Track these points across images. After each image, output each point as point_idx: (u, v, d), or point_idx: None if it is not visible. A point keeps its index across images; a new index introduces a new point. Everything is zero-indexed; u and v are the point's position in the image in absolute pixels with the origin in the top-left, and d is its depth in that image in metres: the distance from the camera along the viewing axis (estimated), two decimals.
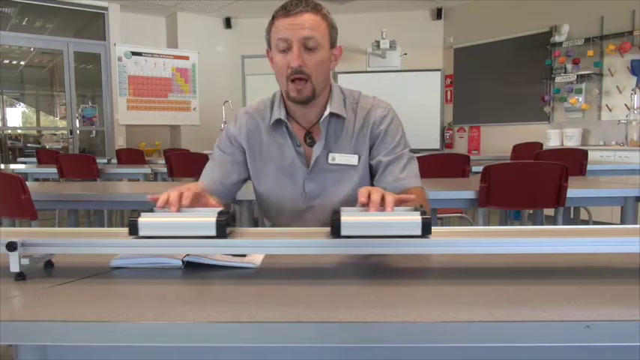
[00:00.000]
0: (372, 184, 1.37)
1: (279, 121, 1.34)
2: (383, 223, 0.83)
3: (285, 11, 1.22)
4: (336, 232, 0.82)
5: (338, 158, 1.34)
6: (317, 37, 1.22)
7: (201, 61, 7.43)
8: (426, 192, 1.36)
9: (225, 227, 0.83)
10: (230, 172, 1.38)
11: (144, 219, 0.85)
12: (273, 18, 1.25)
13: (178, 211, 0.93)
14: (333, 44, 1.29)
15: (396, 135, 1.35)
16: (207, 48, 7.55)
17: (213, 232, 0.83)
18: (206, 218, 0.84)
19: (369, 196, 0.92)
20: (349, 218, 0.83)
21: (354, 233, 0.83)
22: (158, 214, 0.90)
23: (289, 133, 1.35)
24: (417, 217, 0.82)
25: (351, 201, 1.34)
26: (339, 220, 0.82)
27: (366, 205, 0.92)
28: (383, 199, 0.92)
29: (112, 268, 0.90)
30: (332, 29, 1.28)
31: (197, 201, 1.02)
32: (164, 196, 0.96)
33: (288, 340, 0.64)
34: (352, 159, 1.34)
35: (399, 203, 0.94)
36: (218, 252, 0.89)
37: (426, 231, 0.82)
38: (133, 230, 0.84)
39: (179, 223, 0.85)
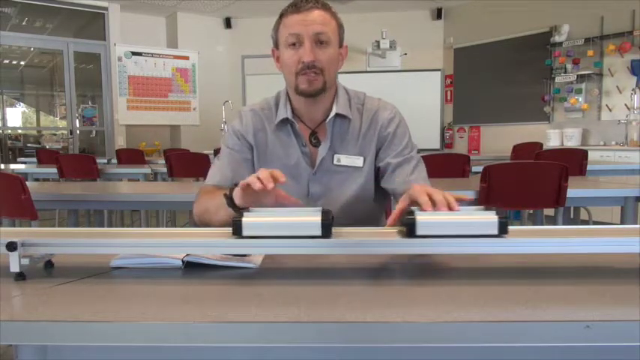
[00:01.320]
0: (377, 186, 1.36)
1: (284, 121, 1.33)
2: (459, 222, 0.82)
3: (295, 8, 1.22)
4: (411, 231, 0.82)
5: (343, 159, 1.33)
6: (328, 32, 1.23)
7: (201, 61, 7.44)
8: None
9: (330, 227, 0.83)
10: (242, 169, 1.34)
11: (248, 219, 0.83)
12: (282, 16, 1.25)
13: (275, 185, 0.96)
14: (340, 43, 1.29)
15: (403, 137, 1.35)
16: (207, 48, 7.55)
17: (319, 232, 0.82)
18: (311, 218, 0.82)
19: (429, 198, 0.90)
20: (425, 218, 0.82)
21: (430, 233, 0.82)
22: (261, 213, 0.87)
23: (295, 132, 1.33)
24: (493, 217, 0.81)
25: (355, 202, 1.34)
26: (414, 219, 0.81)
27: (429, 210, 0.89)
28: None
29: (112, 268, 0.90)
30: (340, 28, 1.28)
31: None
32: (252, 178, 0.96)
33: (288, 340, 0.64)
34: (357, 161, 1.33)
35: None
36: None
37: (502, 230, 0.81)
38: (237, 230, 0.83)
39: (283, 223, 0.83)
